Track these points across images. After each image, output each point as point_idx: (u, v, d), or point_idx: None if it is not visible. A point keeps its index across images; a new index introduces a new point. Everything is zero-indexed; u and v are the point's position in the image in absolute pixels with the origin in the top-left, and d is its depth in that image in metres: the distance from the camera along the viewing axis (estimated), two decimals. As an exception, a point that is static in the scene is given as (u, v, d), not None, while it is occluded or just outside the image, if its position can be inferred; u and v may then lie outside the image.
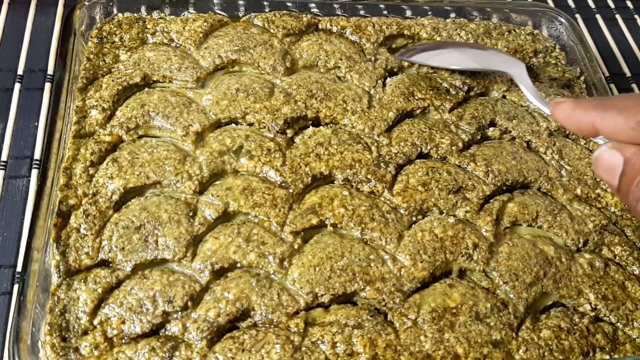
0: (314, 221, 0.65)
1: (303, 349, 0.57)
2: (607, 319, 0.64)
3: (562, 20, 0.89)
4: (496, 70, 0.80)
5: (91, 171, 0.65)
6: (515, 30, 0.88)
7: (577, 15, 1.04)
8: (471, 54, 0.80)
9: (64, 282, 0.59)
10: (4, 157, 0.74)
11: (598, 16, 1.05)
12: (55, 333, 0.56)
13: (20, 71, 0.83)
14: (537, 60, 0.87)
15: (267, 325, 0.59)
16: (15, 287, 0.65)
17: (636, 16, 1.06)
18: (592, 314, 0.64)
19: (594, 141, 0.75)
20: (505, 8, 0.90)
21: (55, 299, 0.58)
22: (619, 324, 0.64)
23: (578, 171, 0.74)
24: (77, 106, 0.69)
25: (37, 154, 0.75)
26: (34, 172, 0.73)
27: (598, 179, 0.74)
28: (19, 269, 0.66)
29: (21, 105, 0.80)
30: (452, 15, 0.89)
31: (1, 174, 0.73)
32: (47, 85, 0.81)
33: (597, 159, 0.49)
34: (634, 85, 0.96)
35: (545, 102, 0.71)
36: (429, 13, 0.88)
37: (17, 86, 0.81)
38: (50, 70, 0.83)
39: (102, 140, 0.67)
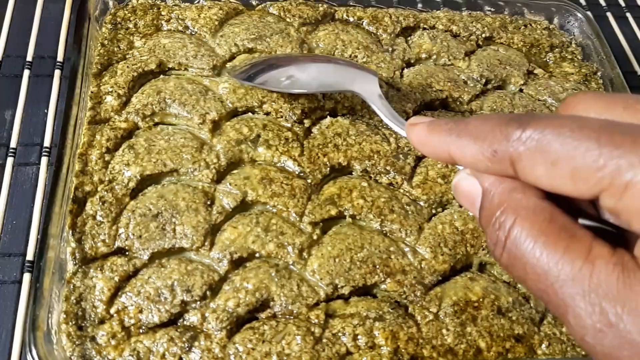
0: (333, 212, 0.64)
1: (324, 340, 0.56)
2: (628, 314, 0.64)
3: (579, 15, 0.88)
4: (344, 90, 0.70)
5: (107, 158, 0.64)
6: (531, 25, 0.87)
7: (588, 13, 1.03)
8: (315, 72, 0.70)
9: (79, 270, 0.57)
10: (13, 144, 0.73)
11: (609, 14, 1.04)
12: (71, 322, 0.55)
13: (29, 58, 0.81)
14: (553, 55, 0.86)
15: (287, 316, 0.57)
16: (25, 275, 0.64)
17: (647, 15, 1.05)
18: (613, 309, 0.63)
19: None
20: (518, 2, 0.89)
21: (71, 286, 0.56)
22: None
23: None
24: (92, 92, 0.68)
25: (46, 142, 0.74)
26: (44, 160, 0.72)
27: None
28: (28, 257, 0.65)
29: (30, 92, 0.78)
30: (464, 9, 0.88)
31: (10, 161, 0.71)
32: (57, 73, 0.80)
33: (456, 186, 0.42)
34: (645, 84, 0.96)
35: (402, 121, 0.60)
36: (442, 7, 0.87)
37: (26, 73, 0.80)
38: (59, 57, 0.81)
39: (118, 127, 0.66)
